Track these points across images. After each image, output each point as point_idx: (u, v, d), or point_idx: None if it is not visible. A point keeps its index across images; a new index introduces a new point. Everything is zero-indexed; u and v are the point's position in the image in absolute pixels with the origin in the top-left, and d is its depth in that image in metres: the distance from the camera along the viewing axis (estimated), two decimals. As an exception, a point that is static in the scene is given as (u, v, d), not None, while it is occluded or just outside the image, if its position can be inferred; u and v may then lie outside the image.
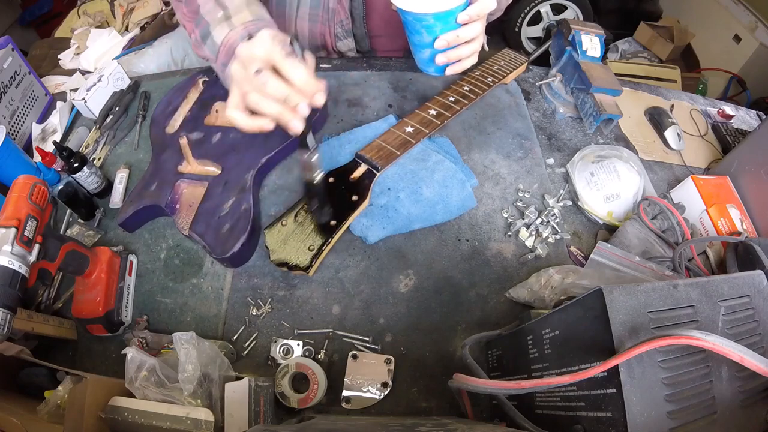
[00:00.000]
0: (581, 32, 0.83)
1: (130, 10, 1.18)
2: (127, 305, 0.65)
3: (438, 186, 0.71)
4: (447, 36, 0.60)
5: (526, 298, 0.61)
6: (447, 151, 0.77)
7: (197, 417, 0.48)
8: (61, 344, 0.63)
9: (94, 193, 0.76)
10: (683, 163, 0.84)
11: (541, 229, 0.69)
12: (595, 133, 0.85)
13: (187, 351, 0.51)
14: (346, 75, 0.92)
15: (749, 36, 1.96)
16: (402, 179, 0.72)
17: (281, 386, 0.55)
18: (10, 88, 0.86)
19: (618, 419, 0.32)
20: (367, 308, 0.64)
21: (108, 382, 0.52)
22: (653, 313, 0.35)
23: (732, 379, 0.36)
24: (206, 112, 0.81)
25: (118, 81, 0.92)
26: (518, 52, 0.94)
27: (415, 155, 0.75)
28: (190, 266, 0.69)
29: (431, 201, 0.70)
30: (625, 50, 2.24)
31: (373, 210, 0.69)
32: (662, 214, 0.67)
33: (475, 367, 0.48)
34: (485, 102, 0.87)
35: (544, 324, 0.44)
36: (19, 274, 0.47)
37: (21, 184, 0.51)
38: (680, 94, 1.00)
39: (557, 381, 0.36)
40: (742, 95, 1.99)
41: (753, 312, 0.39)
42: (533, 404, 0.44)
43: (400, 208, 0.69)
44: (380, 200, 0.70)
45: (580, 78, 0.81)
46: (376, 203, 0.69)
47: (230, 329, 0.63)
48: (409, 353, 0.61)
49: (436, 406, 0.57)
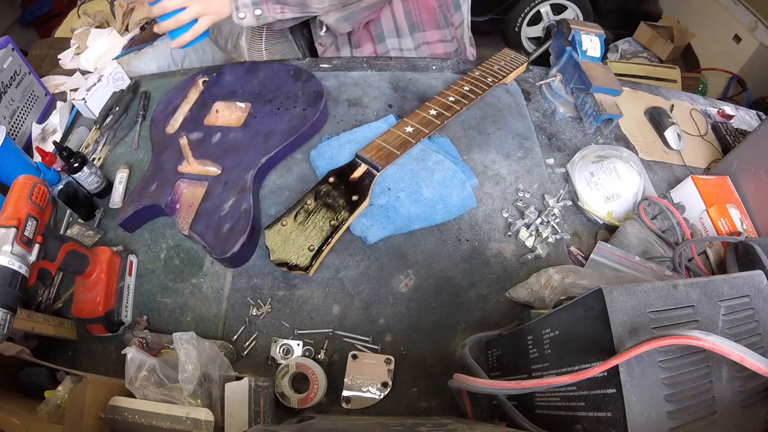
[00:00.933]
0: (581, 32, 0.83)
1: (130, 10, 1.18)
2: (127, 305, 0.65)
3: (438, 186, 0.71)
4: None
5: (526, 298, 0.61)
6: (447, 151, 0.77)
7: (197, 417, 0.48)
8: (61, 344, 0.63)
9: (94, 193, 0.76)
10: (683, 163, 0.84)
11: (541, 229, 0.69)
12: (595, 133, 0.85)
13: (187, 351, 0.51)
14: (346, 75, 0.92)
15: (749, 36, 1.96)
16: (402, 179, 0.72)
17: (281, 386, 0.55)
18: (10, 88, 0.86)
19: (618, 419, 0.32)
20: (367, 308, 0.64)
21: (108, 382, 0.52)
22: (653, 313, 0.35)
23: (732, 379, 0.36)
24: (206, 111, 0.81)
25: (118, 81, 0.92)
26: (518, 52, 0.94)
27: (415, 155, 0.75)
28: (190, 266, 0.69)
29: (431, 201, 0.70)
30: (625, 50, 2.24)
31: (373, 210, 0.69)
32: (662, 214, 0.67)
33: (475, 367, 0.48)
34: (485, 102, 0.87)
35: (544, 324, 0.44)
36: (19, 274, 0.47)
37: (21, 184, 0.51)
38: (680, 94, 1.00)
39: (557, 381, 0.36)
40: (742, 95, 1.99)
41: (753, 312, 0.39)
42: (533, 404, 0.44)
43: (400, 208, 0.69)
44: (380, 200, 0.70)
45: (580, 78, 0.81)
46: (376, 203, 0.69)
47: (230, 329, 0.63)
48: (409, 353, 0.61)
49: (436, 406, 0.57)
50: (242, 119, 0.80)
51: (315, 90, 0.81)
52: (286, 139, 0.75)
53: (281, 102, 0.81)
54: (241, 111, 0.82)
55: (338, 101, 0.87)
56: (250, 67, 0.88)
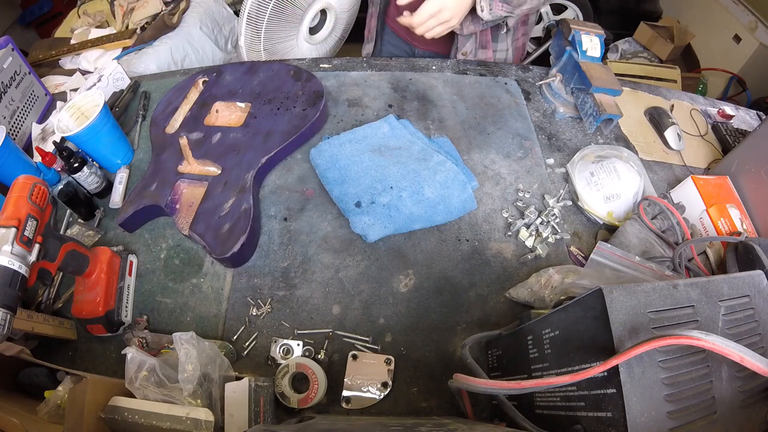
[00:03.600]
0: (581, 32, 0.83)
1: (130, 10, 1.18)
2: (127, 305, 0.65)
3: (439, 187, 0.71)
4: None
5: (526, 298, 0.61)
6: (448, 152, 0.77)
7: (197, 417, 0.48)
8: (61, 344, 0.63)
9: (94, 193, 0.76)
10: (683, 163, 0.84)
11: (541, 229, 0.69)
12: (595, 133, 0.85)
13: (187, 351, 0.51)
14: (346, 75, 0.92)
15: (749, 36, 1.95)
16: (404, 178, 0.71)
17: (281, 386, 0.55)
18: (10, 88, 0.86)
19: (618, 419, 0.32)
20: (367, 308, 0.64)
21: (108, 382, 0.52)
22: (653, 313, 0.35)
23: (732, 379, 0.36)
24: (206, 112, 0.81)
25: (118, 81, 0.92)
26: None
27: (417, 155, 0.75)
28: (190, 266, 0.69)
29: (433, 201, 0.70)
30: (625, 50, 2.23)
31: (375, 208, 0.69)
32: (662, 214, 0.67)
33: (475, 367, 0.48)
34: (485, 102, 0.88)
35: (544, 324, 0.44)
36: (19, 274, 0.47)
37: (21, 184, 0.51)
38: (680, 94, 1.00)
39: (557, 381, 0.36)
40: (742, 95, 1.98)
41: (753, 312, 0.39)
42: (533, 404, 0.44)
43: (402, 207, 0.69)
44: (383, 198, 0.70)
45: (580, 78, 0.81)
46: (379, 201, 0.69)
47: (230, 329, 0.63)
48: (409, 353, 0.61)
49: (436, 406, 0.57)
50: (242, 119, 0.80)
51: (315, 90, 0.81)
52: (287, 139, 0.75)
53: (281, 102, 0.81)
54: (241, 111, 0.82)
55: (338, 101, 0.87)
56: (250, 67, 0.88)
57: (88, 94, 0.77)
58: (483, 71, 0.95)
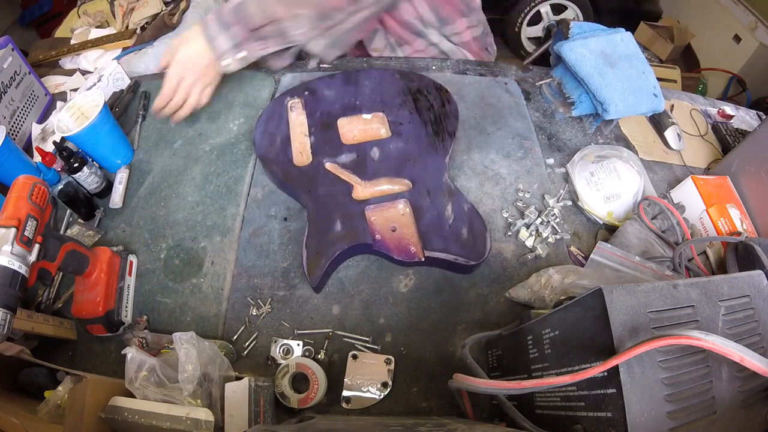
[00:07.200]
0: (581, 32, 0.83)
1: (130, 10, 1.18)
2: (127, 305, 0.65)
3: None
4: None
5: (526, 298, 0.61)
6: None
7: (197, 417, 0.48)
8: (61, 344, 0.63)
9: (94, 193, 0.76)
10: (683, 163, 0.84)
11: (541, 229, 0.69)
12: (595, 133, 0.85)
13: (187, 351, 0.51)
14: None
15: (749, 36, 1.96)
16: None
17: (281, 386, 0.55)
18: (10, 88, 0.86)
19: (618, 419, 0.32)
20: (367, 308, 0.64)
21: (108, 382, 0.52)
22: (653, 313, 0.35)
23: (732, 379, 0.36)
24: (334, 132, 0.76)
25: (118, 81, 0.92)
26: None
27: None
28: (190, 266, 0.69)
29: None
30: (625, 50, 2.23)
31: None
32: (662, 214, 0.67)
33: (475, 367, 0.48)
34: (485, 102, 0.88)
35: (544, 324, 0.44)
36: (19, 274, 0.47)
37: (21, 184, 0.51)
38: (680, 94, 1.00)
39: (557, 381, 0.36)
40: (742, 95, 1.99)
41: (753, 312, 0.39)
42: (533, 404, 0.44)
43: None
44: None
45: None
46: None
47: (230, 329, 0.63)
48: (409, 353, 0.61)
49: (436, 406, 0.57)
50: (386, 128, 0.77)
51: (432, 84, 0.81)
52: (445, 135, 0.74)
53: (413, 104, 0.79)
54: (378, 122, 0.78)
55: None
56: (346, 78, 0.83)
57: (88, 94, 0.77)
58: (483, 71, 0.95)
